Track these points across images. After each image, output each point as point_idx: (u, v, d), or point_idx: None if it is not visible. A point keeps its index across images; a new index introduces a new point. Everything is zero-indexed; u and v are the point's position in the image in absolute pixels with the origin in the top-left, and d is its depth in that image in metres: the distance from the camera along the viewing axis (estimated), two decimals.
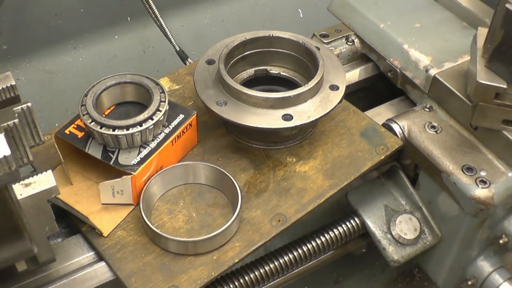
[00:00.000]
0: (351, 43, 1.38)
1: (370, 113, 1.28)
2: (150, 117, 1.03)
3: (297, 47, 1.19)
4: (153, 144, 1.06)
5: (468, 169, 1.10)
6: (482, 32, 1.08)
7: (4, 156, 0.71)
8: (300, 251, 1.15)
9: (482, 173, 1.09)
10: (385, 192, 1.22)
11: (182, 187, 1.09)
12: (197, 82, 1.13)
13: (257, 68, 1.23)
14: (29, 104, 0.85)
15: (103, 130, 1.01)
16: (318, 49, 1.17)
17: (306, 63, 1.19)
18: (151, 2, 1.54)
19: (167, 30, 1.56)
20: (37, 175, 0.82)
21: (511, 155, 1.10)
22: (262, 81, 1.23)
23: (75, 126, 1.07)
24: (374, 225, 1.19)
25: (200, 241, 0.99)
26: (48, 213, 0.84)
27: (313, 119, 1.08)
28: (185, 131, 1.10)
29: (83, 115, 1.03)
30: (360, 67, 1.39)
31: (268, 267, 1.13)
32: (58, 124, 1.17)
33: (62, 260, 1.00)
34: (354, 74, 1.38)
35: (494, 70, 1.04)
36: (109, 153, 1.04)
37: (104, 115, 1.07)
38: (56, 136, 1.06)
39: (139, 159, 1.04)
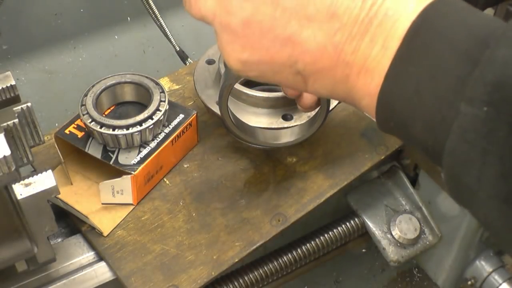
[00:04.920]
0: None
1: None
2: (150, 117, 1.03)
3: None
4: (153, 144, 1.06)
5: None
6: None
7: (4, 156, 0.71)
8: (300, 251, 1.15)
9: None
10: (385, 192, 1.22)
11: (182, 187, 1.09)
12: (197, 82, 1.13)
13: None
14: (29, 104, 0.85)
15: (103, 130, 1.01)
16: None
17: None
18: (151, 2, 1.54)
19: (167, 30, 1.56)
20: (37, 175, 0.82)
21: None
22: None
23: (75, 126, 1.07)
24: (374, 225, 1.19)
25: None
26: (48, 213, 0.84)
27: None
28: (185, 131, 1.10)
29: (83, 115, 1.03)
30: None
31: (268, 267, 1.13)
32: (58, 124, 1.17)
33: (62, 260, 1.00)
34: None
35: None
36: (109, 153, 1.04)
37: (104, 115, 1.07)
38: (56, 136, 1.06)
39: (139, 158, 1.04)
